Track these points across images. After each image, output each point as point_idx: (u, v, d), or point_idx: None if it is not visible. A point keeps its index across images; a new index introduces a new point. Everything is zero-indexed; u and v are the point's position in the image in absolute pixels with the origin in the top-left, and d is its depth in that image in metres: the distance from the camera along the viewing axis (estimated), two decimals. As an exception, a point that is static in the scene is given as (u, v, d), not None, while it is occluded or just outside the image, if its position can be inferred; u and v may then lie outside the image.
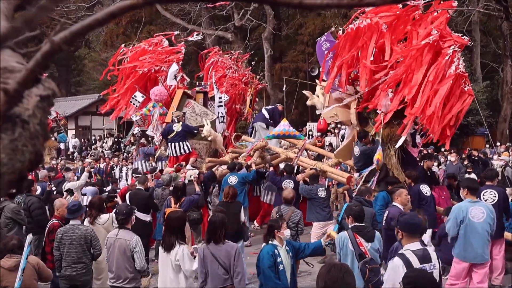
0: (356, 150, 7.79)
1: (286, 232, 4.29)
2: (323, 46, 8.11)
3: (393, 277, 3.32)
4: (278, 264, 4.13)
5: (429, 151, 13.22)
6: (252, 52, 19.89)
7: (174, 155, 10.24)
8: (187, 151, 10.22)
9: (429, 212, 6.48)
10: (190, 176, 7.95)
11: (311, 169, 8.48)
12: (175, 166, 9.04)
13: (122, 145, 19.54)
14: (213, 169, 9.58)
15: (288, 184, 8.26)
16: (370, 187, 6.65)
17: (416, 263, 3.35)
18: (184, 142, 10.23)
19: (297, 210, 6.20)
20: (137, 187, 7.67)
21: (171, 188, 7.59)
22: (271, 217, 6.25)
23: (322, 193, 7.68)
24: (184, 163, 9.12)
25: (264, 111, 12.60)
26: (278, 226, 4.32)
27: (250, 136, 12.53)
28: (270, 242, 4.27)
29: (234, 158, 10.14)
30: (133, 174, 10.83)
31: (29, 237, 3.87)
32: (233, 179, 8.59)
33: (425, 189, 6.88)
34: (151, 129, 11.52)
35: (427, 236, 5.46)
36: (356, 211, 4.67)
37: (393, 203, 5.60)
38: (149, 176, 8.97)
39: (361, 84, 7.27)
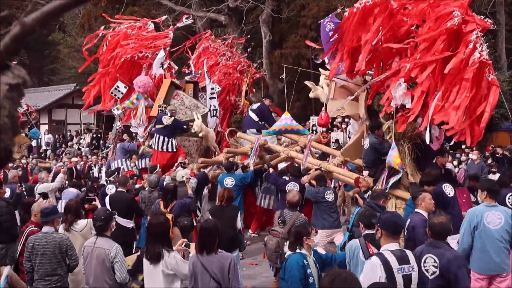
0: (366, 142, 7.79)
1: (316, 239, 4.30)
2: (327, 27, 8.10)
3: (370, 277, 3.44)
4: (308, 276, 4.08)
5: (443, 146, 13.27)
6: (249, 37, 19.89)
7: (156, 148, 10.26)
8: (170, 150, 10.20)
9: (454, 216, 6.32)
10: (182, 177, 7.95)
11: (316, 169, 8.50)
12: (177, 163, 9.02)
13: (102, 141, 19.51)
14: (206, 170, 9.58)
15: (292, 187, 8.31)
16: (384, 191, 6.64)
17: (394, 264, 3.55)
18: (170, 139, 10.23)
19: (302, 215, 6.21)
20: (118, 189, 7.66)
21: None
22: (274, 223, 6.26)
23: (330, 196, 7.71)
24: (186, 160, 9.13)
25: (251, 114, 11.90)
26: (307, 233, 4.29)
27: None
28: (298, 250, 4.22)
29: (229, 158, 10.15)
30: (112, 175, 10.85)
31: (6, 270, 3.82)
32: (229, 181, 8.62)
33: (448, 189, 6.83)
34: (135, 124, 11.51)
35: (454, 242, 5.43)
36: (368, 218, 4.68)
37: (416, 210, 5.53)
38: (146, 176, 9.04)
39: (359, 65, 7.24)
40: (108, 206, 7.02)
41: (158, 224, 4.53)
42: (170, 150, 10.29)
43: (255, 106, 11.86)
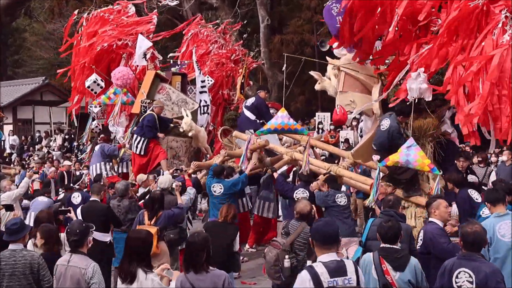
0: (386, 122, 7.62)
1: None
2: (333, 10, 8.10)
3: None
4: None
5: (466, 148, 13.26)
6: (244, 22, 19.90)
7: (134, 150, 10.28)
8: (136, 151, 10.19)
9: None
10: (173, 184, 7.96)
11: (324, 174, 8.50)
12: (171, 170, 9.05)
13: (75, 143, 19.47)
14: (199, 176, 9.59)
15: (302, 194, 8.25)
16: (399, 198, 6.65)
17: (325, 277, 3.70)
18: (138, 138, 10.20)
19: (308, 227, 6.20)
20: (91, 198, 7.65)
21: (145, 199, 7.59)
22: (282, 234, 6.25)
23: (341, 199, 7.68)
24: (184, 167, 9.11)
25: (246, 112, 11.71)
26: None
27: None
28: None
29: (226, 161, 10.15)
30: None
31: None
32: (218, 188, 8.54)
33: (475, 194, 6.84)
34: (112, 123, 11.50)
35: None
36: (386, 229, 4.69)
37: (430, 219, 5.56)
38: (151, 177, 9.10)
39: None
40: (80, 218, 6.99)
41: (137, 239, 4.50)
42: (135, 151, 10.26)
43: (249, 102, 11.68)
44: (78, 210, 7.52)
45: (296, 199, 8.05)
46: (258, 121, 11.33)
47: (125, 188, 8.06)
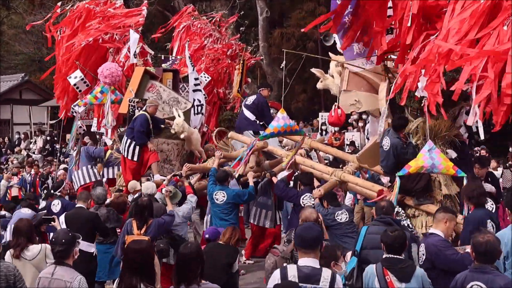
0: (386, 142, 7.80)
1: (344, 266, 4.49)
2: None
3: None
4: None
5: (481, 152, 13.26)
6: (242, 13, 19.94)
7: (124, 154, 10.29)
8: (128, 156, 10.20)
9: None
10: (163, 190, 8.00)
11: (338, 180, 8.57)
12: (169, 176, 9.00)
13: (57, 146, 19.52)
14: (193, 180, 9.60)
15: (309, 201, 8.22)
16: (391, 202, 6.65)
17: (294, 280, 4.09)
18: (129, 141, 10.21)
19: None
20: (77, 205, 7.67)
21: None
22: (284, 243, 6.29)
23: (342, 216, 7.68)
24: (182, 172, 9.06)
25: (245, 112, 11.65)
26: (335, 257, 4.47)
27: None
28: None
29: (222, 164, 10.17)
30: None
31: None
32: (220, 196, 8.52)
33: (489, 203, 6.73)
34: (104, 123, 11.55)
35: None
36: (392, 238, 4.73)
37: (431, 230, 5.53)
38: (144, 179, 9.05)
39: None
40: (64, 226, 7.00)
41: (138, 251, 4.50)
42: (126, 155, 10.26)
43: (250, 100, 11.72)
44: (61, 218, 7.53)
45: (303, 205, 8.06)
46: (258, 122, 11.36)
47: (103, 195, 8.07)
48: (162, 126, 10.64)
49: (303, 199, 8.35)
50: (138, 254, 4.48)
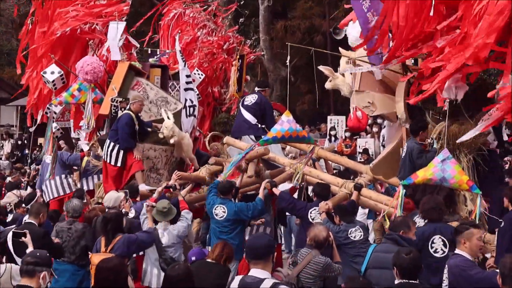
0: (404, 148, 7.98)
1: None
2: (364, 5, 8.23)
3: None
4: None
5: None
6: (241, 2, 20.00)
7: (105, 159, 10.35)
8: (114, 163, 10.29)
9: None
10: (144, 205, 8.01)
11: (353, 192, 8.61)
12: (160, 188, 8.96)
13: (28, 151, 19.50)
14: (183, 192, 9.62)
15: (317, 215, 8.23)
16: (409, 218, 6.71)
17: None
18: (112, 143, 10.26)
19: (321, 256, 6.26)
20: (27, 220, 7.62)
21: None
22: (289, 265, 6.33)
23: (356, 234, 7.67)
24: (176, 184, 8.97)
25: (244, 113, 11.58)
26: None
27: None
28: None
29: (214, 173, 10.21)
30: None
31: None
32: (220, 211, 8.45)
33: None
34: (82, 125, 11.61)
35: None
36: (407, 261, 4.76)
37: (456, 251, 5.55)
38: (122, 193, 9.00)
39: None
40: (10, 244, 6.96)
41: (106, 270, 4.55)
42: (108, 161, 10.31)
43: (249, 100, 11.61)
44: (9, 235, 7.46)
45: (311, 219, 8.09)
46: (259, 125, 11.31)
47: (80, 207, 8.08)
48: (149, 129, 10.65)
49: (310, 212, 8.35)
50: (110, 272, 4.52)
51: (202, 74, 13.52)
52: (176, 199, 8.51)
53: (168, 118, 10.39)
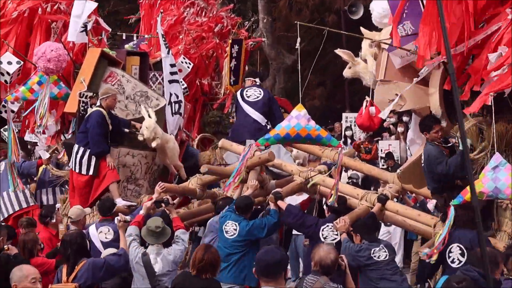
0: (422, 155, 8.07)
1: None
2: None
3: None
4: None
5: None
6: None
7: (73, 168, 10.30)
8: (85, 171, 10.23)
9: None
10: (116, 219, 8.00)
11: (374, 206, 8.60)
12: (149, 202, 8.85)
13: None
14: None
15: (331, 234, 8.36)
16: (497, 250, 6.67)
17: None
18: (81, 149, 10.20)
19: (333, 284, 6.25)
20: None
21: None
22: None
23: (381, 253, 7.78)
24: (169, 198, 8.85)
25: (252, 113, 11.49)
26: None
27: None
28: None
29: (205, 185, 10.15)
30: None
31: None
32: (231, 228, 8.52)
33: None
34: (38, 128, 11.54)
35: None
36: None
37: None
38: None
39: None
40: None
41: None
42: (78, 170, 10.24)
43: (254, 95, 11.52)
44: None
45: (322, 238, 8.12)
46: (269, 126, 11.22)
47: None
48: (126, 130, 10.61)
49: (322, 230, 8.42)
50: None
51: (189, 63, 13.46)
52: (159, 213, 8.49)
53: (149, 116, 10.38)
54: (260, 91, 11.68)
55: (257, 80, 12.19)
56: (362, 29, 10.46)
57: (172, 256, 7.63)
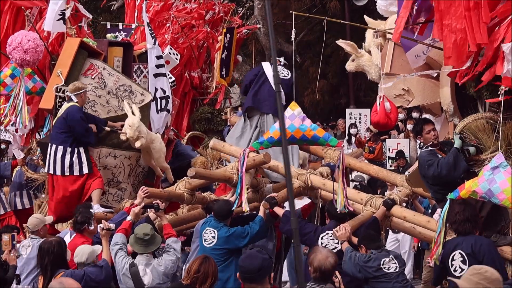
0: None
1: None
2: None
3: None
4: None
5: None
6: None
7: (48, 171, 10.29)
8: (69, 172, 10.20)
9: None
10: (98, 227, 7.99)
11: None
12: (137, 208, 8.82)
13: None
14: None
15: (331, 242, 8.36)
16: None
17: None
18: (67, 149, 10.20)
19: None
20: None
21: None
22: None
23: (391, 265, 7.79)
24: (159, 202, 8.83)
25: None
26: None
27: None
28: None
29: (195, 189, 10.14)
30: None
31: None
32: (210, 236, 8.55)
33: None
34: (12, 125, 11.55)
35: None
36: None
37: None
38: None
39: None
40: None
41: None
42: (68, 172, 10.23)
43: (281, 70, 10.99)
44: None
45: (322, 248, 8.00)
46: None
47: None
48: (106, 129, 10.60)
49: (322, 238, 8.43)
50: None
51: (177, 54, 13.45)
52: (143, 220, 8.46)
53: (132, 113, 10.36)
54: (288, 72, 11.16)
55: (282, 59, 11.57)
56: (366, 18, 10.48)
57: (163, 267, 7.62)
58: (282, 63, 11.44)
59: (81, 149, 10.21)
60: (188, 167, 10.81)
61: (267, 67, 11.16)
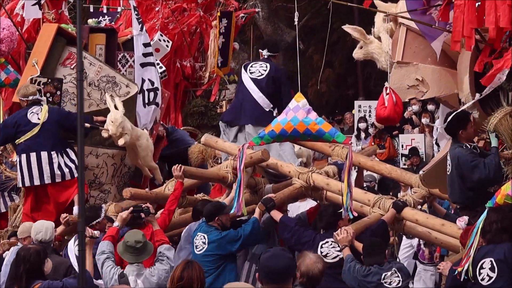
0: (451, 157, 8.15)
1: None
2: None
3: None
4: None
5: None
6: None
7: (32, 183, 10.24)
8: (64, 177, 10.20)
9: None
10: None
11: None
12: (125, 213, 8.83)
13: None
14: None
15: (331, 251, 8.35)
16: None
17: None
18: (58, 154, 10.20)
19: None
20: None
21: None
22: None
23: (393, 279, 7.78)
24: (150, 207, 8.82)
25: (255, 94, 11.18)
26: None
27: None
28: None
29: (185, 191, 10.12)
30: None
31: None
32: (200, 241, 8.59)
33: None
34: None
35: None
36: None
37: None
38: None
39: None
40: None
41: None
42: (56, 178, 10.23)
43: (258, 70, 11.20)
44: None
45: (320, 253, 8.09)
46: (274, 113, 10.87)
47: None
48: (87, 125, 10.56)
49: (321, 247, 8.44)
50: None
51: (168, 41, 13.43)
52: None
53: (115, 108, 10.34)
54: (266, 66, 11.20)
55: (264, 52, 11.59)
56: (375, 0, 10.43)
57: (156, 277, 7.68)
58: (264, 56, 11.43)
59: (63, 151, 10.29)
60: (185, 153, 10.87)
61: (242, 68, 11.52)
